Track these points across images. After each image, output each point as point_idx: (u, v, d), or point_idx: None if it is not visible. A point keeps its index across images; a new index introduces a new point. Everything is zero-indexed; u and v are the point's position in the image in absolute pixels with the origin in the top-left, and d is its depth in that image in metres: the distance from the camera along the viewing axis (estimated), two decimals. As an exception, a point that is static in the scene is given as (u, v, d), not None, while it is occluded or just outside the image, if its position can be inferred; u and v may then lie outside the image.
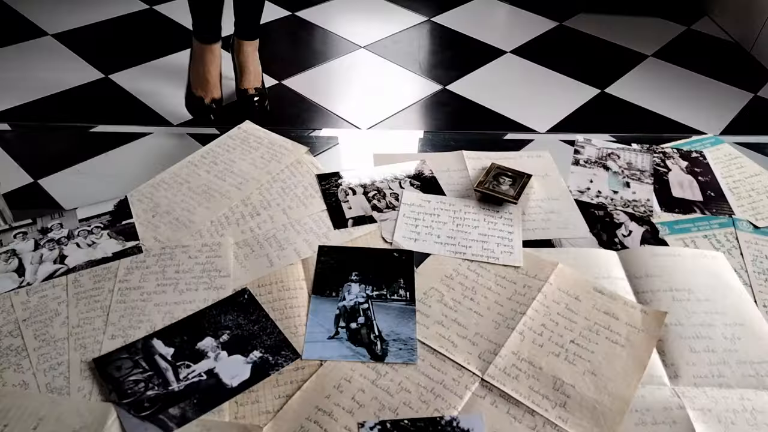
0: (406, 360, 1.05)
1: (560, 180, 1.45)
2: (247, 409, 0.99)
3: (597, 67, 3.22)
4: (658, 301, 1.16)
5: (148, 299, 1.14)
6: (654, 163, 1.51)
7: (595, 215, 1.36)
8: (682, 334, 1.10)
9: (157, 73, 2.98)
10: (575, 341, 1.08)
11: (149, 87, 2.87)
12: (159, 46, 3.18)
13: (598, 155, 1.53)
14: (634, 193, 1.42)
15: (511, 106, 2.91)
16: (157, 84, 2.86)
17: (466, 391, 1.01)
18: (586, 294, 1.16)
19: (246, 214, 1.32)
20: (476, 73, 3.15)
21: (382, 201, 1.37)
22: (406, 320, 1.12)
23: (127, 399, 0.98)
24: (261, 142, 1.51)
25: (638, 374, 1.03)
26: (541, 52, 3.34)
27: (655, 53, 3.37)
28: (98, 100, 2.81)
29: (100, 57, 3.07)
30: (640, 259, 1.24)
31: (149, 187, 1.38)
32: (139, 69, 3.03)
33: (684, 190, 1.44)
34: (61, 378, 1.02)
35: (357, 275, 1.20)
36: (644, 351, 1.07)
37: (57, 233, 1.28)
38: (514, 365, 1.04)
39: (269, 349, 1.06)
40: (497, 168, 1.43)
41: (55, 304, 1.13)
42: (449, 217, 1.33)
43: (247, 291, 1.16)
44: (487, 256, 1.24)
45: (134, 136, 1.61)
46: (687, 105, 2.97)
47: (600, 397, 1.00)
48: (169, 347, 1.06)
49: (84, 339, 1.07)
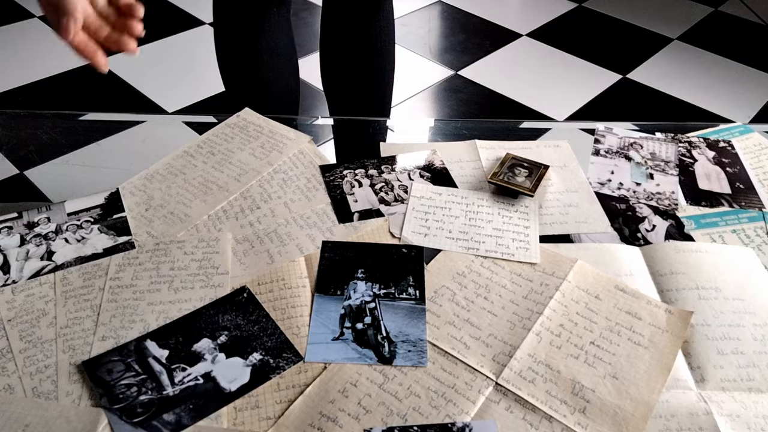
0: (415, 363, 1.05)
1: (579, 171, 1.45)
2: (247, 414, 0.99)
3: (618, 51, 3.22)
4: (683, 300, 1.16)
5: (141, 298, 1.14)
6: (679, 154, 1.50)
7: (616, 209, 1.36)
8: (709, 335, 1.10)
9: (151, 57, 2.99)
10: (595, 343, 1.08)
11: (143, 72, 2.87)
12: (154, 28, 3.18)
13: (620, 145, 1.53)
14: (658, 185, 1.42)
15: (527, 92, 2.91)
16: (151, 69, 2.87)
17: (480, 395, 1.01)
18: (606, 292, 1.16)
19: (245, 208, 1.32)
20: (490, 58, 3.15)
21: (390, 194, 1.37)
22: (415, 320, 1.11)
23: (119, 404, 0.98)
24: (261, 131, 1.51)
25: (662, 378, 1.03)
26: (559, 35, 3.34)
27: (680, 36, 3.37)
28: (88, 87, 2.81)
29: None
30: (664, 255, 1.24)
31: (142, 179, 1.38)
32: (132, 53, 3.03)
33: (711, 182, 1.43)
34: (49, 382, 1.02)
35: (363, 272, 1.20)
36: (669, 353, 1.06)
37: (44, 228, 1.27)
38: (530, 368, 1.04)
39: (270, 351, 1.06)
40: (512, 158, 1.42)
41: (42, 304, 1.13)
42: (461, 211, 1.33)
43: (247, 289, 1.16)
44: (501, 252, 1.24)
45: (126, 124, 1.61)
46: (714, 91, 2.97)
47: (622, 402, 1.00)
48: (164, 349, 1.06)
49: (73, 340, 1.07)
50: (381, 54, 2.06)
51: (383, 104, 2.19)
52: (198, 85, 3.02)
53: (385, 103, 2.20)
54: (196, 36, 3.41)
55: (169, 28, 3.13)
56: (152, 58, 2.95)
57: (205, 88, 3.02)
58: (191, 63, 3.17)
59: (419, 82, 2.87)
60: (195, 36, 3.41)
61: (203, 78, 3.07)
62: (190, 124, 1.60)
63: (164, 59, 2.95)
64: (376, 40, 2.01)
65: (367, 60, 2.05)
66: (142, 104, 2.69)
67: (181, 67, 2.89)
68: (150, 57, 2.94)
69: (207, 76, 2.97)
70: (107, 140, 1.56)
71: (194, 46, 3.33)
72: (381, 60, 2.07)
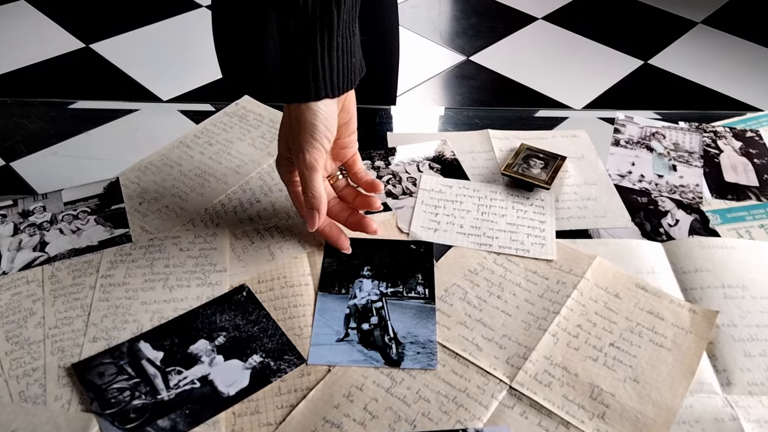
0: (424, 365, 1.05)
1: (598, 162, 1.44)
2: (246, 420, 0.99)
3: (640, 36, 3.21)
4: (708, 298, 1.15)
5: (134, 297, 1.14)
6: (704, 144, 1.50)
7: (637, 202, 1.35)
8: (735, 336, 1.10)
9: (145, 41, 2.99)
10: (615, 344, 1.08)
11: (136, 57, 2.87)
12: (146, 11, 3.18)
13: (641, 135, 1.52)
14: (681, 177, 1.41)
15: (543, 79, 2.91)
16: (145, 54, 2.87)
17: (493, 400, 1.01)
18: (627, 291, 1.16)
19: (245, 202, 1.32)
20: (504, 43, 3.15)
21: (397, 186, 1.37)
22: (424, 320, 1.11)
23: (111, 409, 0.98)
24: (262, 119, 1.51)
25: (686, 381, 1.03)
26: (576, 18, 3.34)
27: (705, 20, 3.36)
28: (78, 73, 2.81)
29: (81, 24, 3.07)
30: (688, 251, 1.24)
31: (135, 171, 1.38)
32: (124, 37, 3.03)
33: (738, 174, 1.43)
34: (37, 385, 1.02)
35: (369, 270, 1.20)
36: (693, 355, 1.06)
37: (39, 217, 1.28)
38: (546, 371, 1.04)
39: (270, 353, 1.06)
40: (527, 149, 1.42)
41: (29, 303, 1.13)
42: (473, 205, 1.32)
43: (246, 288, 1.16)
44: (515, 248, 1.24)
45: (118, 113, 1.61)
46: (741, 77, 2.96)
47: (643, 407, 0.99)
48: (158, 351, 1.06)
49: (62, 342, 1.08)
50: (384, 34, 2.04)
51: (389, 91, 2.17)
52: (194, 71, 3.02)
53: (391, 90, 2.18)
54: (193, 19, 3.41)
55: (164, 11, 3.13)
56: (146, 42, 2.94)
57: (202, 75, 3.02)
58: (187, 48, 3.17)
59: (428, 68, 2.86)
60: (191, 19, 3.41)
61: (200, 64, 3.07)
62: (186, 113, 1.60)
63: (159, 44, 2.95)
64: (378, 18, 1.99)
65: (369, 41, 2.03)
66: (135, 91, 2.69)
67: (176, 53, 2.89)
68: (144, 41, 2.94)
69: (204, 61, 2.97)
70: (98, 130, 1.56)
71: (190, 29, 3.33)
72: (384, 41, 2.05)
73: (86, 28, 2.99)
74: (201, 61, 3.08)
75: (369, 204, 1.25)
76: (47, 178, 1.42)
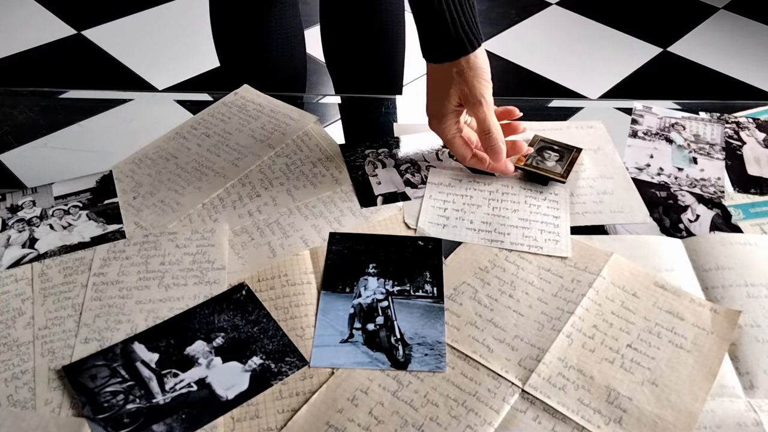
0: (432, 367, 1.05)
1: (615, 155, 1.44)
2: (246, 425, 0.99)
3: (658, 22, 3.21)
4: (730, 297, 1.15)
5: (128, 296, 1.14)
6: (726, 135, 1.50)
7: (656, 197, 1.35)
8: (759, 337, 1.09)
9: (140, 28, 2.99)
10: (632, 345, 1.07)
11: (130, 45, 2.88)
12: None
13: (660, 126, 1.52)
14: (702, 170, 1.41)
15: (557, 67, 2.90)
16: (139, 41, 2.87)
17: (504, 404, 1.01)
18: (645, 290, 1.16)
19: (244, 196, 1.32)
20: (516, 29, 3.15)
21: (416, 175, 1.37)
22: (432, 321, 1.11)
23: (104, 414, 0.98)
24: (262, 110, 1.51)
25: (707, 384, 1.03)
26: (592, 3, 3.33)
27: (727, 5, 3.35)
28: (69, 61, 2.81)
29: (72, 10, 3.07)
30: (709, 248, 1.24)
31: (130, 163, 1.39)
32: (118, 24, 3.03)
33: (761, 167, 1.43)
34: (26, 389, 1.02)
35: (375, 267, 1.19)
36: (714, 357, 1.06)
37: (28, 212, 1.28)
38: (560, 374, 1.04)
39: (271, 354, 1.06)
40: (541, 141, 1.42)
41: (18, 302, 1.13)
42: (484, 199, 1.32)
43: (245, 286, 1.16)
44: (528, 245, 1.24)
45: (112, 103, 1.61)
46: (765, 66, 2.96)
47: (662, 412, 0.99)
48: (153, 353, 1.06)
49: (52, 343, 1.08)
50: (390, 22, 2.04)
51: (394, 80, 2.17)
52: (191, 59, 3.02)
53: (397, 80, 2.18)
54: (189, 5, 3.41)
55: (159, -3, 3.14)
56: (141, 29, 2.94)
57: (200, 63, 3.02)
58: (184, 35, 3.17)
59: (437, 56, 2.85)
60: (188, 5, 3.41)
61: (197, 52, 3.07)
62: (183, 103, 1.60)
63: (154, 30, 2.95)
64: (384, 3, 1.99)
65: (375, 28, 2.03)
66: (129, 80, 2.68)
67: (172, 39, 2.89)
68: (138, 28, 2.94)
69: (201, 49, 2.97)
70: (90, 120, 1.56)
71: (187, 16, 3.33)
72: (390, 29, 2.05)
73: (78, 14, 2.99)
74: (198, 49, 3.09)
75: (513, 129, 1.40)
76: (37, 171, 1.42)
